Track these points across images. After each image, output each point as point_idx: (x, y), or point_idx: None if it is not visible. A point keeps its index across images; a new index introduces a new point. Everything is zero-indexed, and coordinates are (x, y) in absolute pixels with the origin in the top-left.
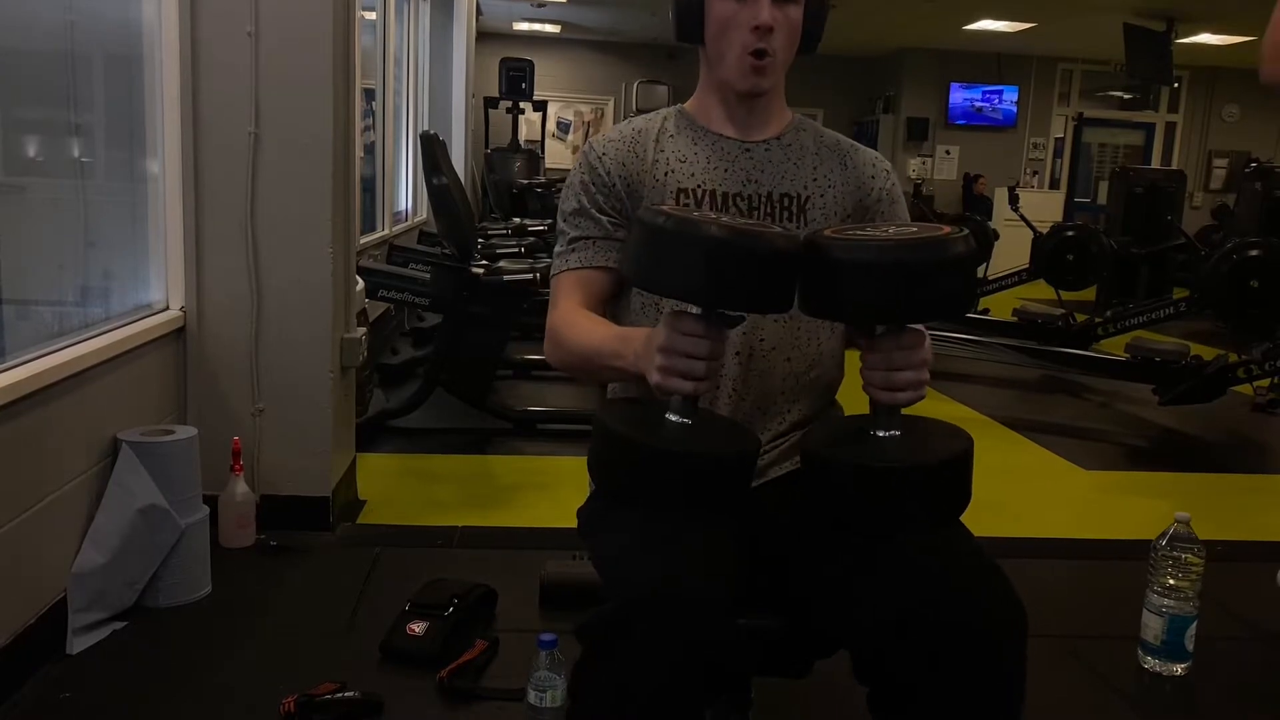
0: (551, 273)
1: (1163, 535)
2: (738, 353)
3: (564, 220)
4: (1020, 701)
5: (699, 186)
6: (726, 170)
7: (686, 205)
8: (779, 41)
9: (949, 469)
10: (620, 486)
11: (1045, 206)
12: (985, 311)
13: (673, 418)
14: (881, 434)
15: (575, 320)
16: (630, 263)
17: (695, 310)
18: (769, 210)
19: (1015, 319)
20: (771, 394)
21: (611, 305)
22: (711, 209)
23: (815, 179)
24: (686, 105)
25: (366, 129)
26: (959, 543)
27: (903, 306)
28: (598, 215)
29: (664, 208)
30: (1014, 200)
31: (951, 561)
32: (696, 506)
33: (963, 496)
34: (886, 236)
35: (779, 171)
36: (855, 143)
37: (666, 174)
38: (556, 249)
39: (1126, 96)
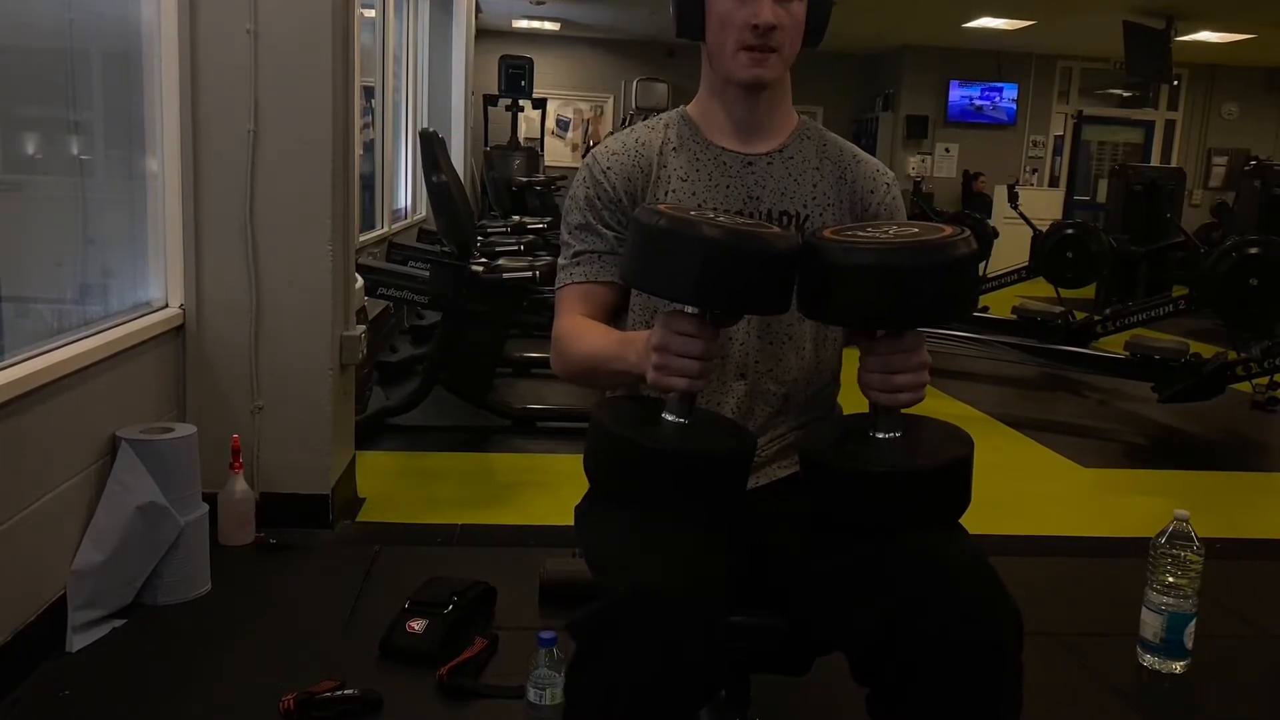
0: (556, 285)
1: (1162, 533)
2: (742, 375)
3: (569, 233)
4: (1018, 703)
5: (700, 206)
6: (728, 188)
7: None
8: (781, 37)
9: (949, 473)
10: (615, 485)
11: (1045, 204)
12: (985, 309)
13: (669, 417)
14: (881, 435)
15: (578, 330)
16: (627, 263)
17: (691, 309)
18: None
19: (1015, 317)
20: (773, 412)
21: (616, 319)
22: None
23: (814, 196)
24: (689, 109)
25: (366, 127)
26: (956, 544)
27: (901, 310)
28: (602, 230)
29: (660, 207)
30: (1013, 198)
31: (948, 564)
32: (691, 505)
33: (962, 500)
34: (886, 239)
35: (779, 188)
36: (859, 152)
37: (668, 194)
38: (561, 260)
39: (1126, 94)
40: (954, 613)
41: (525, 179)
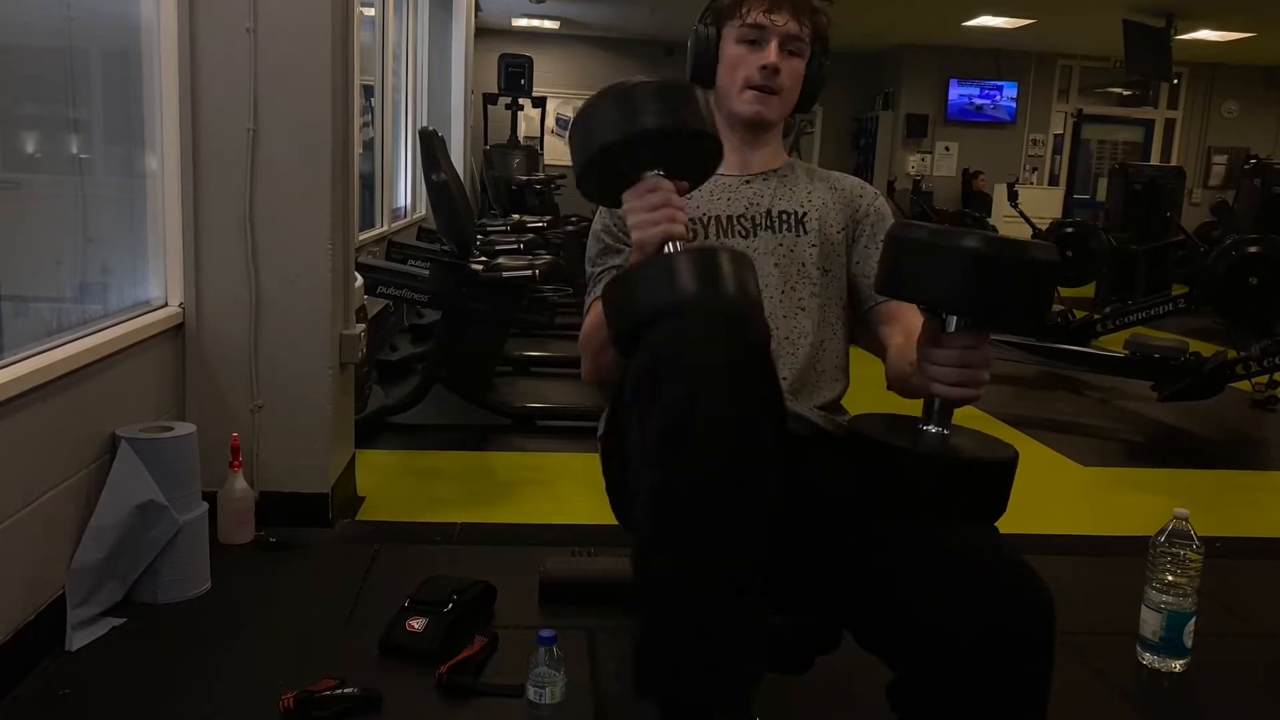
0: (585, 309)
1: (1161, 531)
2: None
3: (590, 264)
4: (1045, 695)
5: (704, 215)
6: (729, 200)
7: (695, 233)
8: (783, 81)
9: (993, 472)
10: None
11: (1044, 203)
12: None
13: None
14: (933, 429)
15: (594, 330)
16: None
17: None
18: (770, 224)
19: None
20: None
21: None
22: (716, 233)
23: (810, 199)
24: None
25: (365, 125)
26: (994, 540)
27: (999, 300)
28: (622, 248)
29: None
30: (1013, 197)
31: (989, 558)
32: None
33: (1001, 503)
34: (996, 235)
35: (777, 194)
36: (842, 174)
37: None
38: (587, 292)
39: (1126, 93)
40: (998, 606)
41: (525, 178)
